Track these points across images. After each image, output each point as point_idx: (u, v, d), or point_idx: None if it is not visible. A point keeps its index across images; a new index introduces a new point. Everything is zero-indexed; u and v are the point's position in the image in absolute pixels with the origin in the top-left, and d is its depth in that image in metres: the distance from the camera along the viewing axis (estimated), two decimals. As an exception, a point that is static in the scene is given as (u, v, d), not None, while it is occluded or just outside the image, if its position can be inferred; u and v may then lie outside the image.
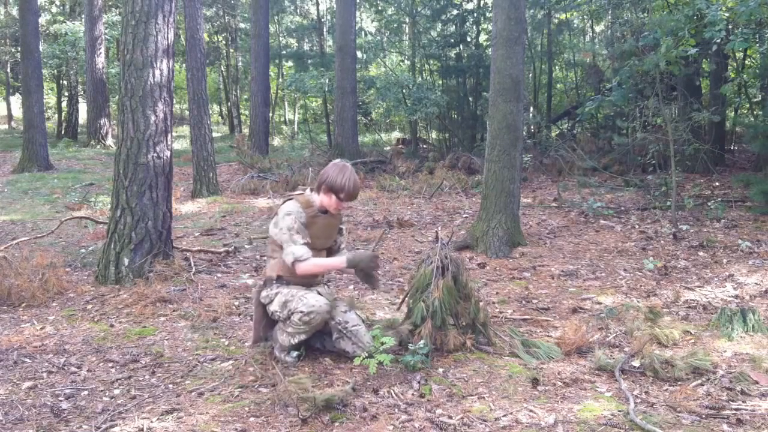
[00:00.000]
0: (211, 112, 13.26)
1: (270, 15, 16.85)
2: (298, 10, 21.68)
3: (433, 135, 16.68)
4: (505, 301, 4.61)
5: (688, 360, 3.30)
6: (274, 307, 3.41)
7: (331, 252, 3.66)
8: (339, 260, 3.40)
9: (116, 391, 3.17)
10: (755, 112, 10.68)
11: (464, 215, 7.96)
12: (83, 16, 17.71)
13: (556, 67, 16.39)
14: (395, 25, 17.85)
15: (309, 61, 18.83)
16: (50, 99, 22.66)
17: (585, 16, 15.66)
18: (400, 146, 15.47)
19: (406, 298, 3.78)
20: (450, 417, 2.83)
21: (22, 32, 12.73)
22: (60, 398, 3.09)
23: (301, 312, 3.28)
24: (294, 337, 3.38)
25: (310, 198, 3.42)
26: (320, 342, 3.57)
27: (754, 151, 9.36)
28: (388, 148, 15.87)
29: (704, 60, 9.89)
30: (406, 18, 17.14)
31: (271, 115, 18.85)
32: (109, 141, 16.88)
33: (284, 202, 3.44)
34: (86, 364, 3.50)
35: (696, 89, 10.54)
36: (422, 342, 3.38)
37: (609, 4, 11.75)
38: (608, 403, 2.97)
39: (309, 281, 3.50)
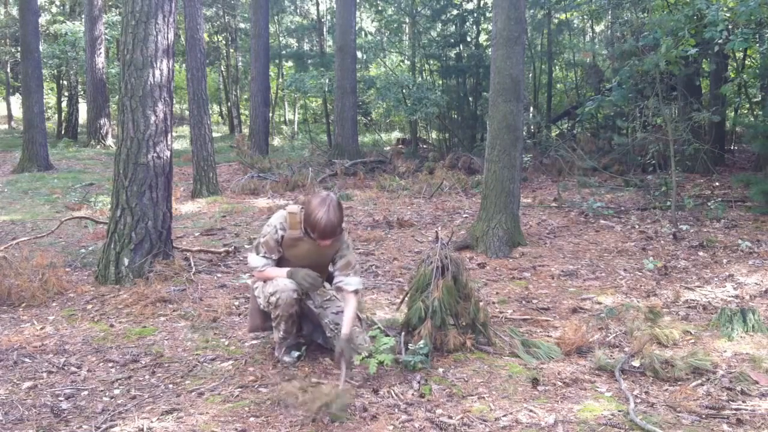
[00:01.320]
0: (211, 112, 13.26)
1: (270, 15, 16.84)
2: (298, 10, 21.67)
3: (433, 135, 16.68)
4: (505, 301, 4.61)
5: (688, 360, 3.30)
6: (257, 293, 3.46)
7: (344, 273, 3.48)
8: (281, 272, 3.33)
9: (116, 391, 3.17)
10: (755, 112, 10.67)
11: (464, 215, 7.96)
12: (83, 16, 17.71)
13: (556, 67, 16.38)
14: (395, 25, 17.84)
15: (309, 61, 18.82)
16: (50, 99, 22.65)
17: (585, 16, 15.65)
18: (400, 146, 15.47)
19: (406, 298, 3.78)
20: (450, 417, 2.83)
21: (22, 32, 12.72)
22: (60, 398, 3.09)
23: (270, 293, 3.31)
24: (278, 328, 3.39)
25: (294, 219, 3.32)
26: (322, 338, 3.58)
27: (754, 151, 9.36)
28: (388, 148, 15.86)
29: (704, 60, 9.89)
30: (406, 18, 17.13)
31: (271, 115, 18.84)
32: (109, 141, 16.87)
33: (277, 211, 3.45)
34: (86, 364, 3.51)
35: (696, 89, 10.54)
36: (422, 342, 3.38)
37: (609, 4, 11.74)
38: (608, 403, 2.98)
39: None
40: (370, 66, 19.12)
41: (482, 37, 14.25)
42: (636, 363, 3.37)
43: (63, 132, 19.71)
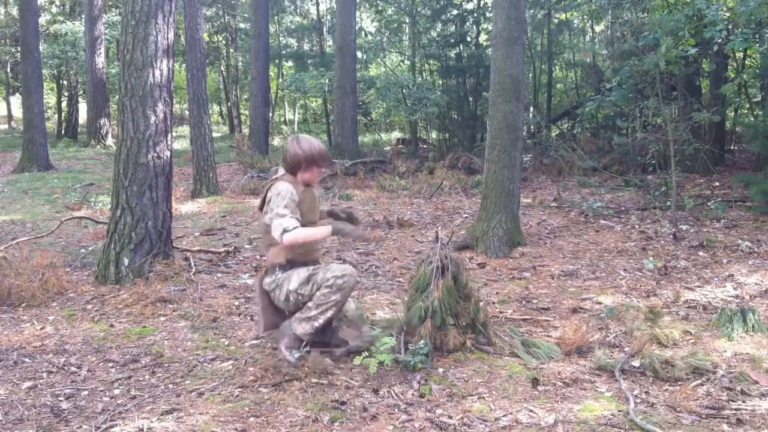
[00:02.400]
0: (211, 112, 13.26)
1: (270, 15, 16.84)
2: (298, 10, 21.68)
3: (433, 135, 16.68)
4: (505, 301, 4.61)
5: (688, 360, 3.30)
6: (292, 287, 3.32)
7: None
8: (325, 229, 3.39)
9: (116, 391, 3.17)
10: (755, 112, 10.68)
11: (464, 215, 7.96)
12: (83, 16, 17.71)
13: (556, 67, 16.38)
14: (395, 25, 17.85)
15: (309, 61, 18.83)
16: (50, 99, 22.65)
17: (585, 16, 15.66)
18: (400, 146, 15.46)
19: (406, 298, 3.78)
20: (450, 417, 2.83)
21: (22, 32, 12.72)
22: (60, 398, 3.09)
23: (335, 276, 3.25)
24: (319, 318, 3.29)
25: (290, 178, 3.42)
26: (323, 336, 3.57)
27: (754, 151, 9.36)
28: (388, 148, 15.86)
29: (704, 60, 9.89)
30: (406, 18, 17.14)
31: (271, 115, 18.84)
32: (109, 141, 16.87)
33: (272, 185, 3.39)
34: (86, 364, 3.51)
35: (696, 89, 10.54)
36: (422, 342, 3.38)
37: (609, 4, 11.75)
38: (608, 403, 2.98)
39: (313, 259, 3.48)
40: (370, 66, 19.12)
41: (482, 37, 14.25)
42: (636, 363, 3.37)
43: (63, 132, 19.71)
